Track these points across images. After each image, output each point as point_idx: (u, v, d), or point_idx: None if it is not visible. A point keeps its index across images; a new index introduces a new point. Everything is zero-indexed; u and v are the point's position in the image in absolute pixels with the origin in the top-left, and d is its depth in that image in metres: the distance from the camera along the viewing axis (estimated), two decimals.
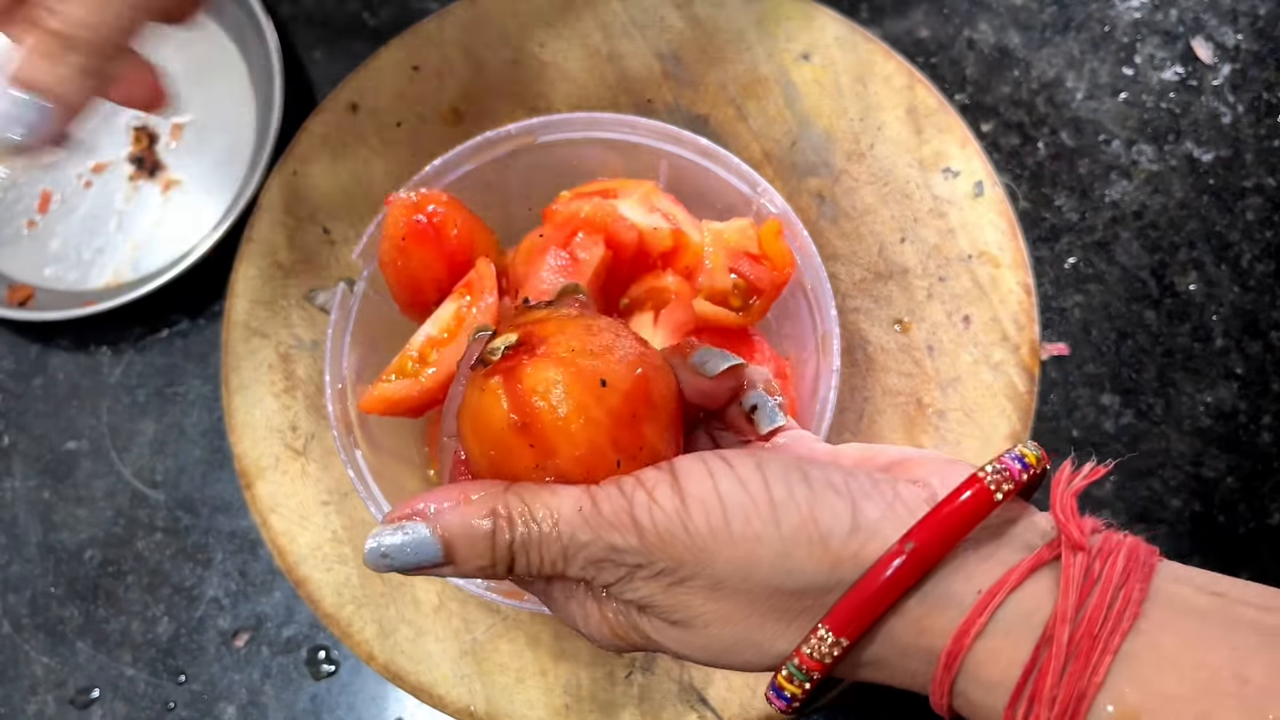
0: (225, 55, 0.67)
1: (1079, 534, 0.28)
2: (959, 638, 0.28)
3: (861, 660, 0.30)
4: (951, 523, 0.29)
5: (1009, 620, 0.28)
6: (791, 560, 0.29)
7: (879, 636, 0.30)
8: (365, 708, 0.56)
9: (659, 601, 0.31)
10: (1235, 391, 0.58)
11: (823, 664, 0.30)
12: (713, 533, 0.29)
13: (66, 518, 0.60)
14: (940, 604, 0.29)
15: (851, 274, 0.58)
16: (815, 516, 0.29)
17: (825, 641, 0.29)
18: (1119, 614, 0.27)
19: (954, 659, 0.28)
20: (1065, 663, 0.27)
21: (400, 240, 0.47)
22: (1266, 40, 0.63)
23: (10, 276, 0.64)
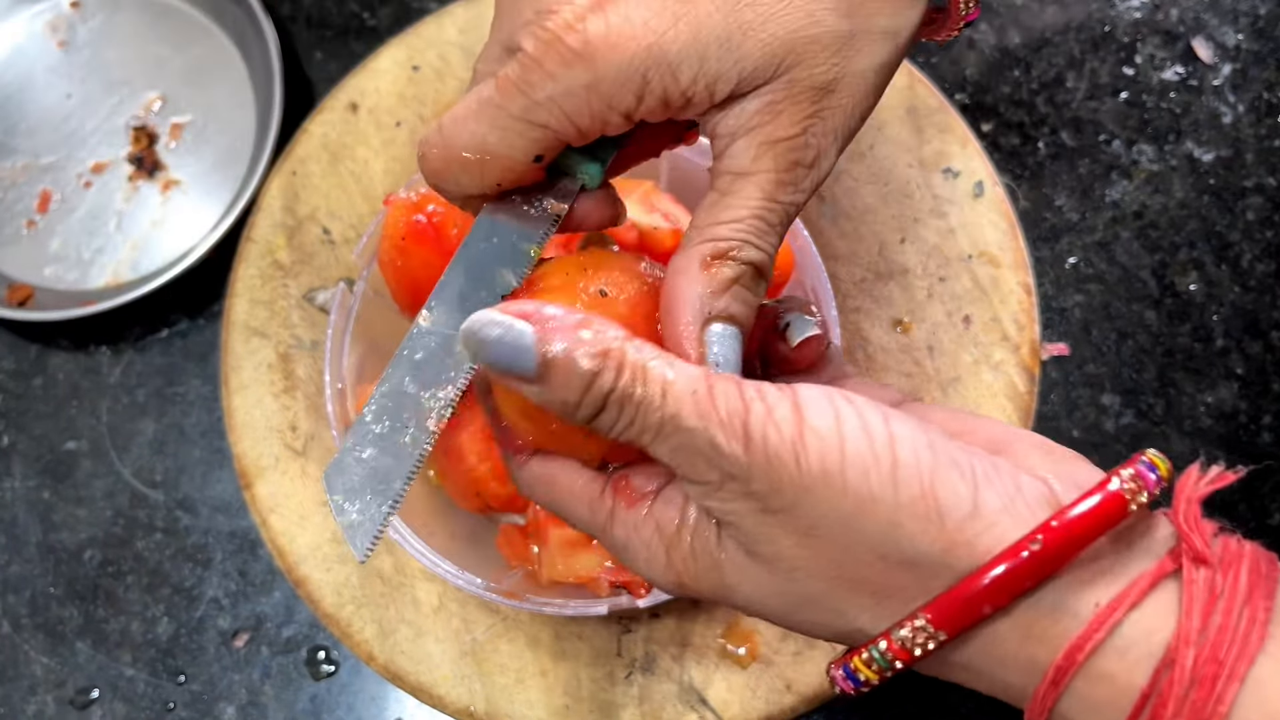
0: (225, 55, 0.67)
1: (1203, 546, 0.27)
2: (1071, 653, 0.26)
3: (952, 660, 0.28)
4: (1081, 528, 0.26)
5: (1127, 639, 0.26)
6: (902, 530, 0.27)
7: (979, 638, 0.28)
8: (365, 708, 0.56)
9: (744, 524, 0.28)
10: (1235, 392, 0.58)
11: (911, 655, 0.27)
12: (825, 475, 0.27)
13: (66, 518, 0.60)
14: (1054, 614, 0.27)
15: (851, 274, 0.58)
16: (936, 491, 0.27)
17: (922, 632, 0.27)
18: (1245, 636, 0.25)
19: (1063, 675, 0.26)
20: (1188, 689, 0.25)
21: (400, 240, 0.47)
22: (1266, 40, 0.63)
23: (10, 276, 0.64)
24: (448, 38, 0.63)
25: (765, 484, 0.27)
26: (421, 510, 0.50)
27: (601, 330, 0.28)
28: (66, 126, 0.67)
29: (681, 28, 0.30)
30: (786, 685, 0.52)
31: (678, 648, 0.53)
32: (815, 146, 0.31)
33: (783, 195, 0.31)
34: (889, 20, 0.31)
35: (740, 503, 0.28)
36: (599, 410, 0.28)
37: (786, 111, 0.31)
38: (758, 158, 0.31)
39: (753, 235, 0.31)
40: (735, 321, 0.31)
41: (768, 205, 0.31)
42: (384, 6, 0.68)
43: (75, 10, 0.69)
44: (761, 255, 0.31)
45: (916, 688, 0.54)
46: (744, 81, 0.30)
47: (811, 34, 0.30)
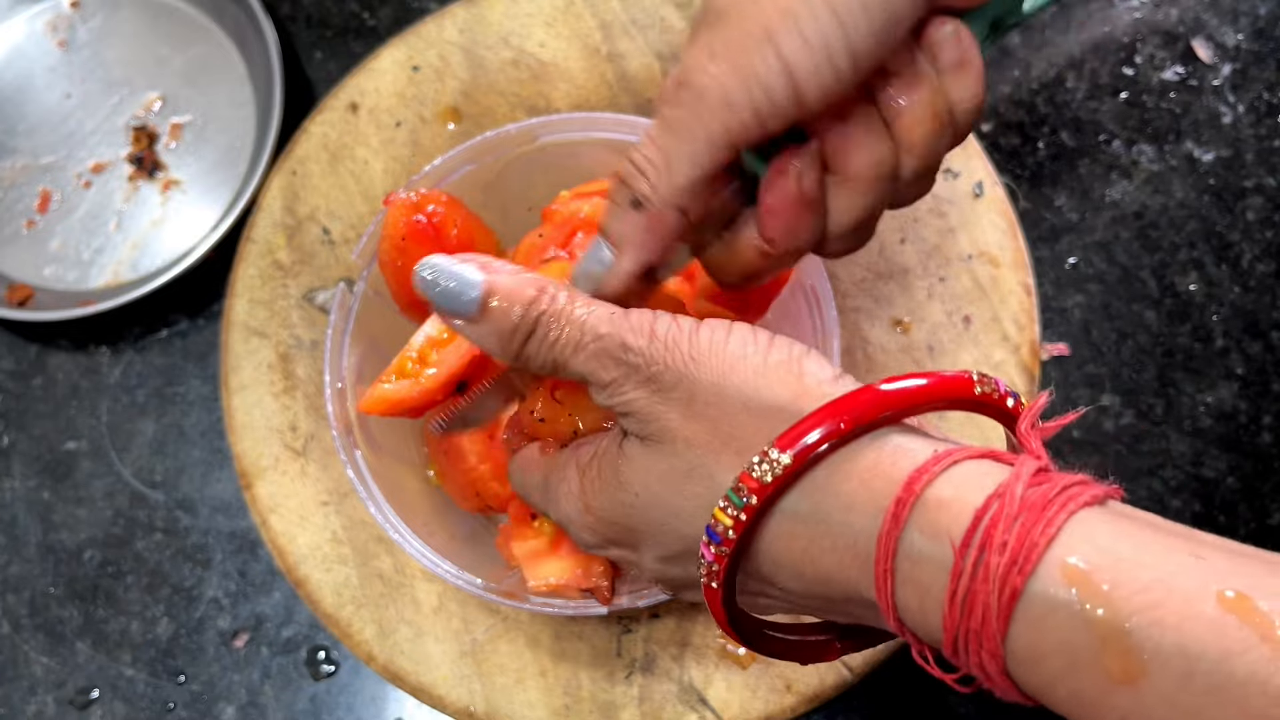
0: (225, 55, 0.67)
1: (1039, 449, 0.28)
2: (910, 483, 0.27)
3: (801, 512, 0.29)
4: (925, 387, 0.29)
5: (963, 475, 0.27)
6: (764, 380, 0.30)
7: (825, 477, 0.29)
8: (365, 708, 0.56)
9: (642, 408, 0.32)
10: (1235, 391, 0.58)
11: (762, 484, 0.28)
12: (711, 348, 0.31)
13: (66, 518, 0.60)
14: (895, 453, 0.28)
15: (851, 274, 0.58)
16: (800, 361, 0.31)
17: (769, 460, 0.28)
18: (1076, 493, 0.26)
19: (903, 506, 0.27)
20: (1019, 513, 0.26)
21: (400, 240, 0.47)
22: (1266, 40, 0.63)
23: (10, 276, 0.64)
24: (448, 38, 0.63)
25: (661, 365, 0.31)
26: (421, 510, 0.50)
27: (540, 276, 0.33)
28: (66, 126, 0.67)
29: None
30: (786, 685, 0.52)
31: (678, 648, 0.53)
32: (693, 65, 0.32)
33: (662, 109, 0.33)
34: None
35: (639, 390, 0.32)
36: (531, 331, 0.33)
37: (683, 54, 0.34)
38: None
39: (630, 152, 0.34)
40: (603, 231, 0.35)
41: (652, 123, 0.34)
42: (384, 6, 0.68)
43: (75, 10, 0.69)
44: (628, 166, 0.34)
45: (916, 688, 0.54)
46: None
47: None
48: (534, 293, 0.33)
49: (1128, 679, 0.24)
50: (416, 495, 0.52)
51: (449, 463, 0.50)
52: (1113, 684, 0.24)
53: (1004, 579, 0.25)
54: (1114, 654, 0.24)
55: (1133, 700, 0.24)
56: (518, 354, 0.33)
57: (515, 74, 0.62)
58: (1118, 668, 0.24)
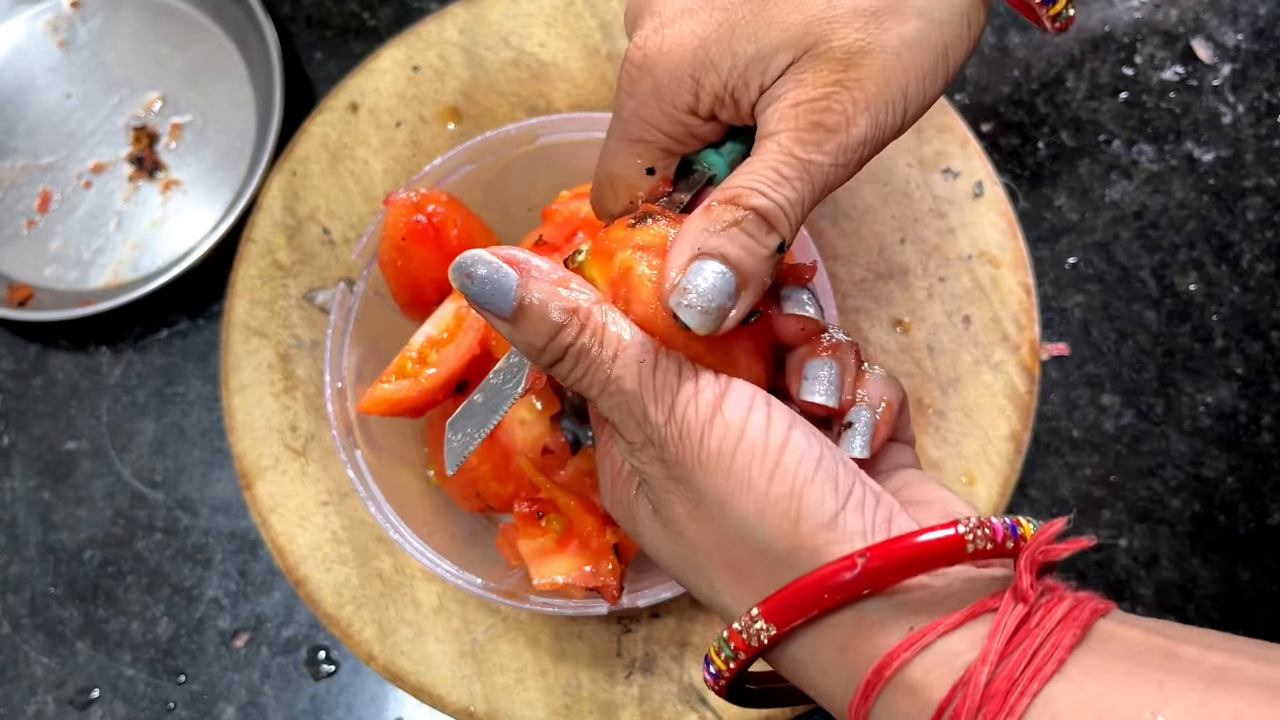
0: (225, 55, 0.67)
1: (1029, 587, 0.28)
2: (880, 668, 0.28)
3: (786, 662, 0.31)
4: (909, 555, 0.28)
5: (935, 659, 0.28)
6: (763, 521, 0.30)
7: (807, 640, 0.30)
8: (365, 708, 0.56)
9: (653, 485, 0.32)
10: (1235, 391, 0.58)
11: (748, 645, 0.30)
12: (718, 455, 0.30)
13: (66, 518, 0.60)
14: (872, 630, 0.29)
15: (851, 274, 0.58)
16: (803, 495, 0.30)
17: (755, 624, 0.29)
18: (1045, 659, 0.27)
19: (872, 688, 0.28)
20: (981, 704, 0.26)
21: (400, 240, 0.47)
22: (1266, 40, 0.63)
23: (10, 276, 0.64)
24: (448, 38, 0.63)
25: (674, 453, 0.31)
26: (421, 510, 0.50)
27: (578, 290, 0.31)
28: (66, 126, 0.67)
29: (720, 31, 0.33)
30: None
31: (678, 648, 0.53)
32: (839, 111, 0.32)
33: (800, 151, 0.32)
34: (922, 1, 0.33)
35: (654, 466, 0.32)
36: (558, 359, 0.32)
37: (809, 79, 0.33)
38: (781, 119, 0.33)
39: (762, 184, 0.32)
40: (726, 261, 0.32)
41: (782, 158, 0.32)
42: (384, 6, 0.68)
43: (75, 10, 0.69)
44: (769, 203, 0.32)
45: None
46: (772, 65, 0.33)
47: (830, 14, 0.33)
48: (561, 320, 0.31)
49: None
50: (416, 495, 0.52)
51: None
52: None
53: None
54: None
55: None
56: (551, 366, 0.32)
57: (515, 74, 0.62)
58: None
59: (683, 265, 0.32)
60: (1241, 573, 0.56)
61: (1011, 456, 0.55)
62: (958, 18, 0.33)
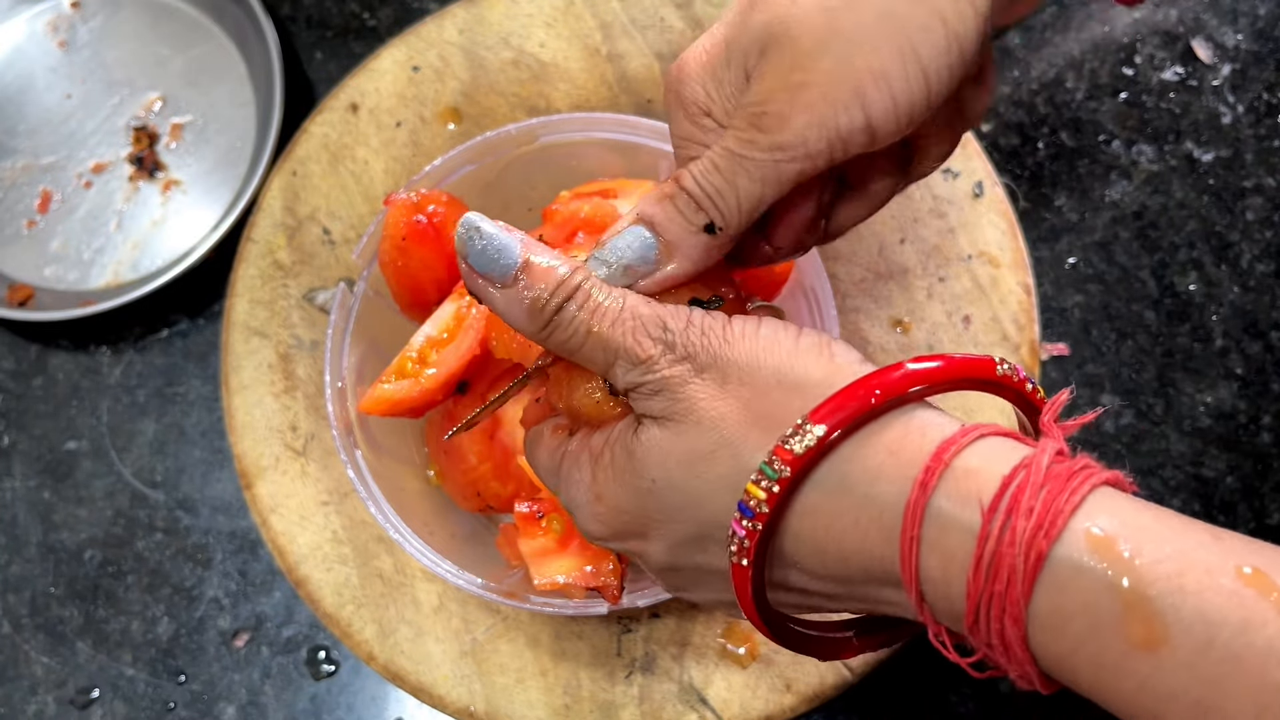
0: (225, 55, 0.67)
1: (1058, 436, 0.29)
2: (939, 452, 0.28)
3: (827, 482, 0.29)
4: (949, 364, 0.29)
5: (990, 448, 0.28)
6: (797, 359, 0.31)
7: (853, 449, 0.29)
8: (365, 708, 0.56)
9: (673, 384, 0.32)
10: (1235, 391, 0.58)
11: (795, 455, 0.29)
12: (744, 334, 0.32)
13: (66, 518, 0.60)
14: (924, 426, 0.29)
15: (851, 274, 0.58)
16: (830, 345, 0.32)
17: (803, 431, 0.29)
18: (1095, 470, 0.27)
19: (932, 474, 0.28)
20: (1045, 482, 0.26)
21: (400, 240, 0.47)
22: (1266, 40, 0.63)
23: (10, 276, 0.64)
24: (448, 38, 0.63)
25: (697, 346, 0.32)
26: (421, 510, 0.50)
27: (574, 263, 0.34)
28: (67, 127, 0.67)
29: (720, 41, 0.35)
30: (786, 685, 0.52)
31: (677, 647, 0.53)
32: (774, 112, 0.33)
33: (735, 146, 0.34)
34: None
35: (674, 367, 0.32)
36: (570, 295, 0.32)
37: (757, 78, 0.34)
38: (731, 115, 0.35)
39: (698, 170, 0.34)
40: (653, 225, 0.35)
41: (720, 151, 0.34)
42: (384, 7, 0.68)
43: (76, 10, 0.69)
44: (696, 187, 0.34)
45: (916, 688, 0.54)
46: (748, 67, 0.34)
47: (790, 14, 0.33)
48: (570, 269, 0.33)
49: (1149, 645, 0.24)
50: (416, 495, 0.52)
51: (449, 463, 0.50)
52: (1133, 649, 0.25)
53: (1030, 543, 0.26)
54: (1136, 620, 0.25)
55: (1152, 666, 0.24)
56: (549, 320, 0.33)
57: (515, 74, 0.62)
58: (1140, 633, 0.25)
59: (620, 227, 0.35)
60: None
61: None
62: (925, 15, 0.32)
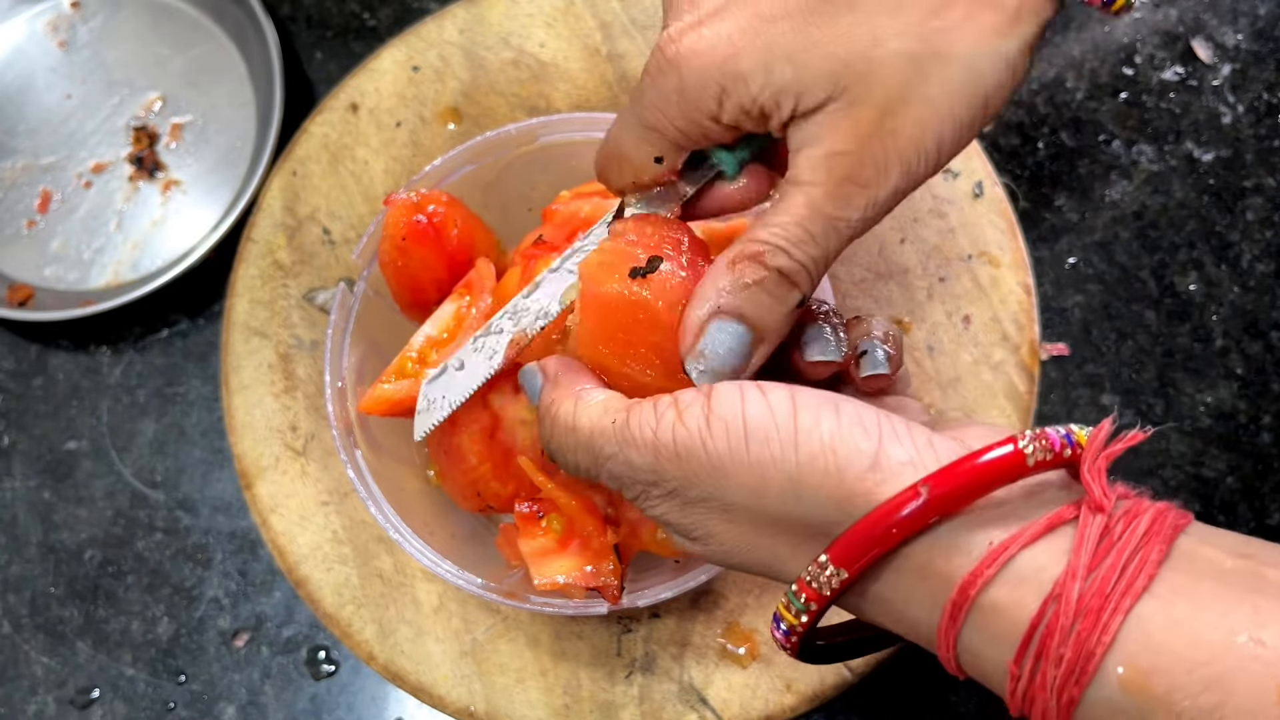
0: (225, 55, 0.67)
1: (1102, 495, 0.28)
2: (964, 588, 0.27)
3: (865, 601, 0.30)
4: (974, 475, 0.28)
5: (1019, 574, 0.27)
6: (802, 486, 0.29)
7: (883, 576, 0.29)
8: (365, 708, 0.56)
9: (674, 520, 0.32)
10: (1235, 391, 0.58)
11: (820, 594, 0.29)
12: (731, 453, 0.29)
13: (66, 518, 0.60)
14: (949, 551, 0.28)
15: (851, 274, 0.58)
16: (835, 448, 0.29)
17: (825, 571, 0.29)
18: (1134, 575, 0.26)
19: (959, 610, 0.27)
20: (1074, 621, 0.26)
21: (400, 240, 0.47)
22: (1266, 40, 0.63)
23: (10, 276, 0.64)
24: (448, 38, 0.63)
25: (679, 479, 0.30)
26: (421, 510, 0.50)
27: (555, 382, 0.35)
28: (67, 127, 0.67)
29: (757, 43, 0.32)
30: (786, 685, 0.52)
31: (677, 647, 0.53)
32: (872, 165, 0.32)
33: (829, 208, 0.32)
34: (968, 48, 0.31)
35: (663, 504, 0.31)
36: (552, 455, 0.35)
37: (845, 128, 0.32)
38: (813, 169, 0.32)
39: (787, 242, 0.32)
40: (745, 320, 0.32)
41: (810, 215, 0.32)
42: (384, 7, 0.68)
43: (76, 10, 0.69)
44: (792, 263, 0.32)
45: (916, 688, 0.54)
46: (806, 95, 0.32)
47: (873, 55, 0.31)
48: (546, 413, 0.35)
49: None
50: (416, 495, 0.52)
51: (449, 463, 0.50)
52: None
53: (1061, 688, 0.26)
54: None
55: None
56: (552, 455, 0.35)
57: (515, 74, 0.62)
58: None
59: (700, 324, 0.32)
60: None
61: None
62: (1001, 66, 0.32)
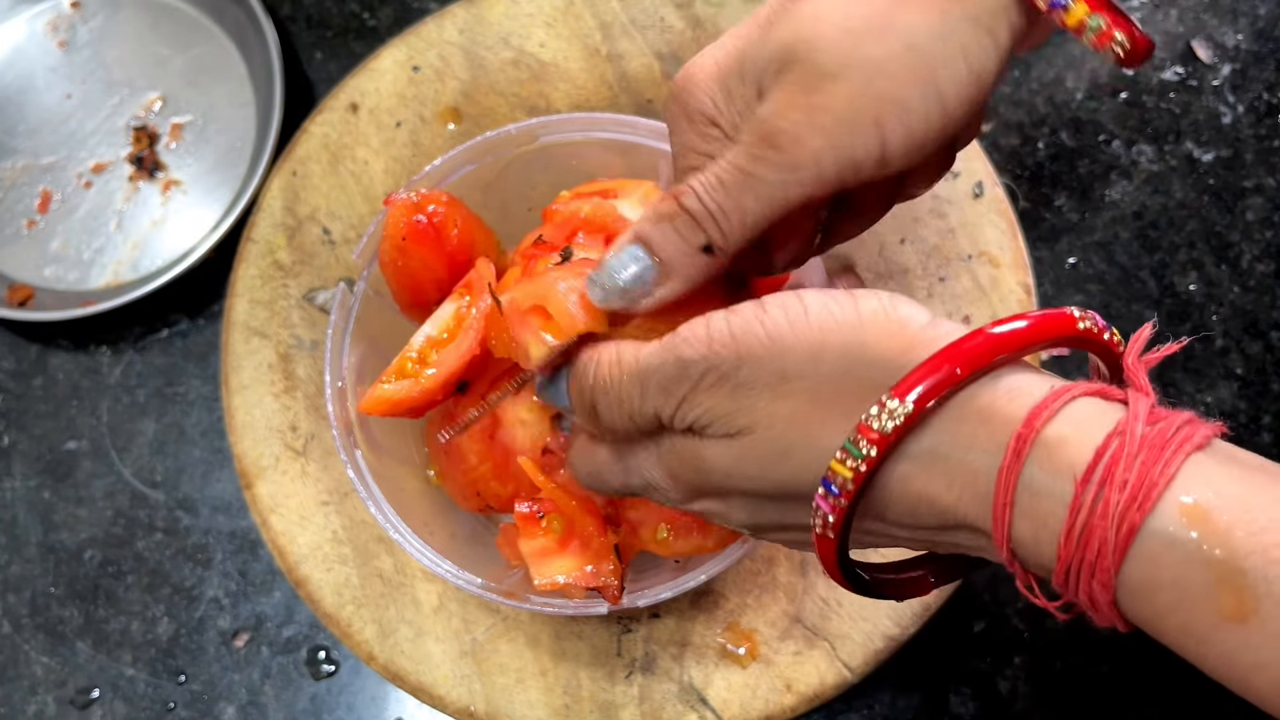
0: (225, 55, 0.67)
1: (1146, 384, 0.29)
2: (1030, 419, 0.27)
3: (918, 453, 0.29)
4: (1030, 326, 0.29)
5: (1080, 412, 0.28)
6: (867, 337, 0.29)
7: (942, 421, 0.29)
8: (365, 708, 0.56)
9: (721, 410, 0.31)
10: (1235, 391, 0.58)
11: (883, 434, 0.28)
12: (790, 324, 0.30)
13: (66, 518, 0.60)
14: (1011, 391, 0.28)
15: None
16: (896, 308, 0.30)
17: (888, 410, 0.28)
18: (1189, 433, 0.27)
19: (1024, 443, 0.27)
20: (1139, 452, 0.26)
21: (401, 240, 0.47)
22: (1266, 40, 0.63)
23: (10, 276, 0.64)
24: (448, 38, 0.63)
25: (733, 359, 0.30)
26: (421, 510, 0.50)
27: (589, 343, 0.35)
28: (67, 127, 0.67)
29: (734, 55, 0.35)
30: (786, 685, 0.52)
31: (677, 647, 0.53)
32: (787, 130, 0.33)
33: (744, 162, 0.33)
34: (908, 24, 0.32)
35: (713, 395, 0.31)
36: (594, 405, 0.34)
37: (775, 97, 0.33)
38: (740, 131, 0.34)
39: (701, 187, 0.34)
40: (650, 248, 0.34)
41: (727, 167, 0.33)
42: (384, 7, 0.68)
43: (76, 10, 0.69)
44: (699, 206, 0.34)
45: (916, 688, 0.54)
46: (764, 78, 0.34)
47: (815, 31, 0.32)
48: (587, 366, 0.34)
49: (1239, 616, 0.25)
50: (416, 495, 0.52)
51: (449, 463, 0.50)
52: (1223, 620, 0.25)
53: (1123, 515, 0.26)
54: (1228, 591, 0.25)
55: (1241, 637, 0.25)
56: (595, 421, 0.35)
57: (515, 74, 0.62)
58: (1230, 605, 0.25)
59: (619, 246, 0.35)
60: None
61: None
62: (951, 50, 0.32)
